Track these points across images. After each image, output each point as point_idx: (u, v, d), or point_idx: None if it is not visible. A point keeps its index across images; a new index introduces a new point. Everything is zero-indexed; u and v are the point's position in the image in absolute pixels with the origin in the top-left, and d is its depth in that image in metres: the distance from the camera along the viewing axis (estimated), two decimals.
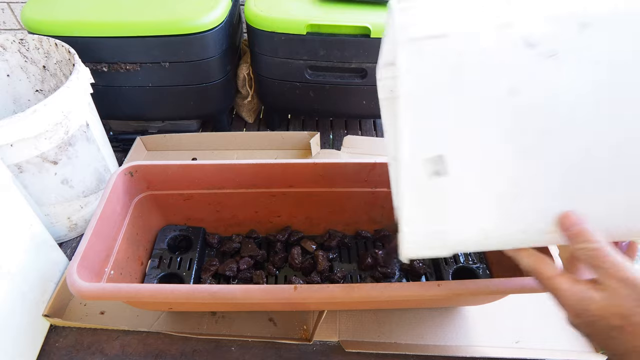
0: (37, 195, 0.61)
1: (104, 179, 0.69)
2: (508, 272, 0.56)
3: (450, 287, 0.45)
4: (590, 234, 0.30)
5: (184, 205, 0.62)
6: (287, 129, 0.98)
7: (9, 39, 0.67)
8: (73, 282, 0.43)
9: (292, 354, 0.56)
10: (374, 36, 0.72)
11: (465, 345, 0.56)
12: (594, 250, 0.30)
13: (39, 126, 0.53)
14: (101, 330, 0.58)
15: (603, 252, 0.29)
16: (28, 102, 0.75)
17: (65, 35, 0.69)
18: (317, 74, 0.80)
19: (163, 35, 0.71)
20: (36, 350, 0.56)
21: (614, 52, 0.28)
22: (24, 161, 0.56)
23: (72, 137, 0.60)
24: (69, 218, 0.68)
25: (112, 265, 0.51)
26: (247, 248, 0.63)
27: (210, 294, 0.43)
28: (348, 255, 0.64)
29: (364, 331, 0.58)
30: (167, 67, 0.75)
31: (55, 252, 0.62)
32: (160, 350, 0.57)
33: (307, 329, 0.58)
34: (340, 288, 0.44)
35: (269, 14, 0.73)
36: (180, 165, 0.58)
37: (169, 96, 0.82)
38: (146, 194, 0.60)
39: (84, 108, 0.62)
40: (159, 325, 0.58)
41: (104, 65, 0.75)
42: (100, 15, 0.72)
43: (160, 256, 0.61)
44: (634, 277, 0.28)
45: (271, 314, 0.60)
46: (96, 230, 0.48)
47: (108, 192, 0.52)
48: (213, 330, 0.58)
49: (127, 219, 0.57)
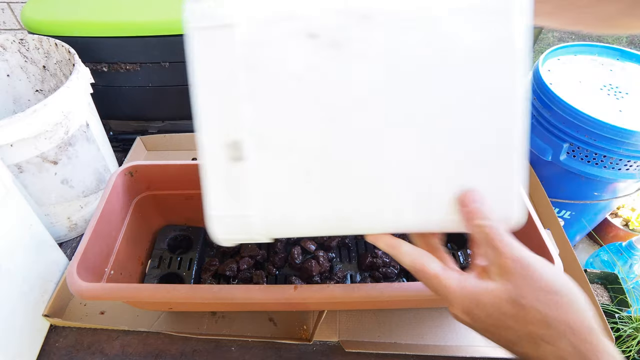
0: (37, 195, 0.61)
1: (104, 179, 0.69)
2: None
3: None
4: (488, 212, 0.29)
5: (184, 205, 0.62)
6: None
7: (9, 39, 0.67)
8: (73, 282, 0.43)
9: (292, 354, 0.56)
10: None
11: (465, 345, 0.56)
12: (490, 228, 0.28)
13: (39, 126, 0.53)
14: (101, 330, 0.58)
15: (499, 231, 0.28)
16: (28, 102, 0.75)
17: (65, 35, 0.69)
18: None
19: (163, 35, 0.71)
20: (36, 350, 0.56)
21: (393, 42, 0.30)
22: (24, 161, 0.56)
23: (72, 137, 0.60)
24: (69, 218, 0.68)
25: (112, 265, 0.51)
26: (247, 248, 0.63)
27: (210, 294, 0.43)
28: (348, 255, 0.64)
29: (364, 331, 0.58)
30: (167, 67, 0.75)
31: (55, 252, 0.62)
32: (160, 350, 0.57)
33: (307, 329, 0.58)
34: (340, 288, 0.44)
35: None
36: (180, 165, 0.58)
37: (169, 96, 0.82)
38: (146, 194, 0.60)
39: (84, 108, 0.62)
40: (159, 325, 0.58)
41: (104, 65, 0.75)
42: (100, 15, 0.72)
43: (160, 256, 0.61)
44: (528, 256, 0.26)
45: (271, 314, 0.60)
46: (96, 230, 0.48)
47: (108, 192, 0.52)
48: (213, 330, 0.58)
49: (127, 219, 0.57)
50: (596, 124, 0.73)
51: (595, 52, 1.12)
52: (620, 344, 0.88)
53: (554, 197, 1.08)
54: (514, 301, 0.25)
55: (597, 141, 0.74)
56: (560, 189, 1.11)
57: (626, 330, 0.88)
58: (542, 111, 0.84)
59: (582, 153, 0.79)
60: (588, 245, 1.57)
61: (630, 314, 0.92)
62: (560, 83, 0.99)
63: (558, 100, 0.82)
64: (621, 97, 0.87)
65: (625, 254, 1.20)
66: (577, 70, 1.06)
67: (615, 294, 1.00)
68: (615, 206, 1.41)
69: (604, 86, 0.95)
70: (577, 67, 1.08)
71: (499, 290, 0.26)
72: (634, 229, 1.48)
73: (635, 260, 1.18)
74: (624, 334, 0.88)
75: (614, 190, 1.12)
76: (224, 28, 0.30)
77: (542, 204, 0.72)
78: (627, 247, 1.20)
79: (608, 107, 0.81)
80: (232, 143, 0.32)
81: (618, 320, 0.90)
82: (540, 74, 1.01)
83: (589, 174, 0.81)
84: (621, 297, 0.97)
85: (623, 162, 0.76)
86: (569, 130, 0.78)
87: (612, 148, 0.74)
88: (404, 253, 0.31)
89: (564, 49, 1.12)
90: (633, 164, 0.77)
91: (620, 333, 0.88)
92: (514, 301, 0.25)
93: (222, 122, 0.32)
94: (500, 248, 0.27)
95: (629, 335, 0.88)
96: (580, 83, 0.99)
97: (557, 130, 0.80)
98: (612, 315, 0.91)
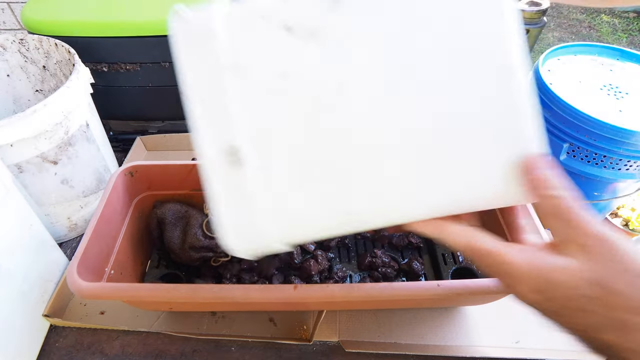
0: (37, 195, 0.61)
1: (104, 179, 0.69)
2: None
3: (450, 287, 0.45)
4: (557, 181, 0.25)
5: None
6: None
7: (9, 39, 0.67)
8: (73, 281, 0.43)
9: (292, 354, 0.56)
10: None
11: (465, 345, 0.56)
12: (563, 199, 0.24)
13: (39, 126, 0.53)
14: (101, 330, 0.58)
15: (573, 204, 0.24)
16: (28, 102, 0.75)
17: (65, 35, 0.69)
18: None
19: (163, 35, 0.71)
20: (36, 350, 0.56)
21: (370, 23, 0.29)
22: (24, 161, 0.56)
23: (72, 137, 0.60)
24: (69, 218, 0.68)
25: (112, 265, 0.51)
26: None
27: (210, 294, 0.43)
28: (347, 255, 0.64)
29: (364, 331, 0.58)
30: (167, 67, 0.75)
31: (55, 252, 0.62)
32: (160, 350, 0.57)
33: (307, 329, 0.58)
34: (339, 288, 0.44)
35: None
36: (180, 165, 0.58)
37: (169, 96, 0.82)
38: (146, 194, 0.60)
39: (84, 108, 0.62)
40: (159, 325, 0.58)
41: (104, 65, 0.75)
42: (100, 15, 0.72)
43: (160, 256, 0.61)
44: (610, 234, 0.23)
45: (271, 314, 0.60)
46: (96, 230, 0.48)
47: (108, 192, 0.52)
48: (213, 330, 0.58)
49: (127, 219, 0.57)
50: (596, 124, 0.73)
51: (595, 52, 1.12)
52: None
53: None
54: (599, 283, 0.22)
55: (597, 141, 0.74)
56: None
57: None
58: (542, 111, 0.84)
59: (582, 153, 0.79)
60: None
61: None
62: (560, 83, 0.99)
63: (558, 100, 0.82)
64: (621, 97, 0.87)
65: None
66: (577, 70, 1.06)
67: None
68: (615, 206, 1.41)
69: (604, 86, 0.95)
70: (577, 67, 1.08)
71: (580, 270, 0.23)
72: (634, 229, 1.48)
73: None
74: None
75: (614, 190, 1.12)
76: (205, 34, 0.30)
77: None
78: None
79: (608, 107, 0.81)
80: (229, 149, 0.31)
81: None
82: (540, 74, 1.01)
83: (589, 174, 0.81)
84: None
85: (623, 162, 0.76)
86: (568, 130, 0.78)
87: (612, 148, 0.74)
88: (454, 233, 0.28)
89: (564, 49, 1.12)
90: (633, 164, 0.77)
91: None
92: (599, 283, 0.22)
93: (216, 129, 0.32)
94: (577, 222, 0.23)
95: None
96: (580, 83, 0.99)
97: (557, 130, 0.80)
98: None
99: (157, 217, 0.58)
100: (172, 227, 0.58)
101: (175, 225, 0.58)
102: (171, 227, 0.58)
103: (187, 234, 0.56)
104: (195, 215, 0.58)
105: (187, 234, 0.56)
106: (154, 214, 0.59)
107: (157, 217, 0.59)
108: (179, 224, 0.58)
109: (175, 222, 0.58)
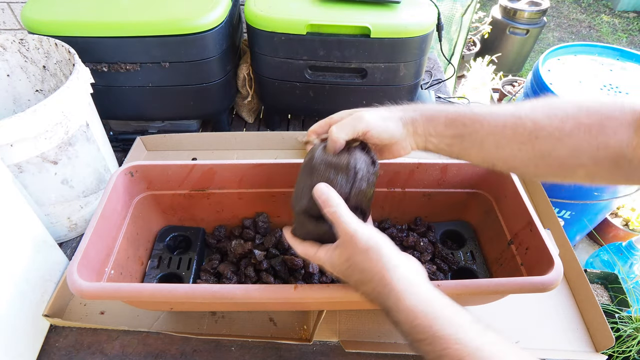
0: (37, 195, 0.61)
1: (104, 179, 0.69)
2: (508, 272, 0.56)
3: (450, 287, 0.45)
4: (333, 197, 0.39)
5: (184, 205, 0.62)
6: (287, 129, 0.97)
7: (9, 39, 0.67)
8: (73, 281, 0.43)
9: (292, 354, 0.56)
10: (374, 36, 0.72)
11: None
12: (334, 212, 0.38)
13: (39, 126, 0.53)
14: (101, 330, 0.58)
15: (338, 213, 0.38)
16: (28, 102, 0.75)
17: (65, 35, 0.69)
18: (317, 74, 0.80)
19: (163, 35, 0.71)
20: (36, 350, 0.56)
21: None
22: (24, 161, 0.56)
23: (72, 137, 0.60)
24: (69, 218, 0.68)
25: (113, 265, 0.51)
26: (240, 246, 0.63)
27: (210, 294, 0.43)
28: None
29: (364, 331, 0.58)
30: (167, 67, 0.75)
31: (55, 252, 0.62)
32: (160, 350, 0.57)
33: (307, 329, 0.58)
34: (340, 288, 0.44)
35: (269, 13, 0.73)
36: (180, 165, 0.58)
37: (169, 96, 0.82)
38: (146, 194, 0.60)
39: (84, 108, 0.62)
40: (159, 325, 0.58)
41: (104, 65, 0.75)
42: (100, 15, 0.72)
43: (159, 256, 0.61)
44: (354, 228, 0.37)
45: (271, 313, 0.60)
46: (96, 230, 0.48)
47: (108, 192, 0.52)
48: (213, 330, 0.58)
49: (127, 219, 0.57)
50: None
51: (595, 52, 1.12)
52: (620, 344, 0.88)
53: (554, 197, 1.08)
54: (347, 260, 0.38)
55: None
56: (560, 189, 1.11)
57: (626, 331, 0.88)
58: None
59: None
60: (588, 245, 1.57)
61: (630, 314, 0.92)
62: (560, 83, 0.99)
63: None
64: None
65: (626, 254, 1.20)
66: (577, 70, 1.06)
67: (615, 294, 1.00)
68: (615, 206, 1.41)
69: (604, 86, 0.95)
70: (577, 67, 1.08)
71: (339, 253, 0.39)
72: (634, 229, 1.48)
73: (635, 260, 1.18)
74: (624, 334, 0.88)
75: (614, 190, 1.12)
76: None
77: (542, 204, 0.72)
78: (627, 247, 1.20)
79: None
80: None
81: (618, 320, 0.90)
82: (540, 74, 1.01)
83: None
84: (621, 297, 0.97)
85: None
86: None
87: None
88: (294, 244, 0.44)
89: (564, 49, 1.12)
90: None
91: (621, 333, 0.88)
92: (347, 260, 0.38)
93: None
94: (341, 225, 0.38)
95: (629, 335, 0.88)
96: (580, 83, 0.99)
97: None
98: (612, 315, 0.91)
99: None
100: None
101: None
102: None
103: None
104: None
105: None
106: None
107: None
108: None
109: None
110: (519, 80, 2.15)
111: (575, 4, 3.40)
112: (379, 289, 0.36)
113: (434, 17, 0.76)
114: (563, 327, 0.60)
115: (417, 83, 0.84)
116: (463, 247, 0.63)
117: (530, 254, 0.52)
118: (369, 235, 0.37)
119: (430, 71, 1.16)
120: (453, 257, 0.61)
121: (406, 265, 0.37)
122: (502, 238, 0.58)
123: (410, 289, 0.35)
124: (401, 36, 0.73)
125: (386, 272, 0.35)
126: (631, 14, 3.24)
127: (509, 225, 0.58)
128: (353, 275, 0.38)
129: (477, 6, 1.72)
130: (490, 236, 0.62)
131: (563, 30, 3.10)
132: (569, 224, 1.24)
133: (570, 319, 0.61)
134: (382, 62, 0.77)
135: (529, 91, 1.08)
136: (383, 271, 0.35)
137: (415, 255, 0.61)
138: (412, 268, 0.37)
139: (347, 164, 0.41)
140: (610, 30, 3.09)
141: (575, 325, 0.60)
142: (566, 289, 0.64)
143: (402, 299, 0.34)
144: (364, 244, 0.37)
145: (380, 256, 0.36)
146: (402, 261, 0.37)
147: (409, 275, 0.36)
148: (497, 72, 2.35)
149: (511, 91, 2.03)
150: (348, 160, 0.41)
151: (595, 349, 0.57)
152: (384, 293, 0.35)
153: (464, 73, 2.40)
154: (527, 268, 0.52)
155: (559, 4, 3.41)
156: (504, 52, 2.42)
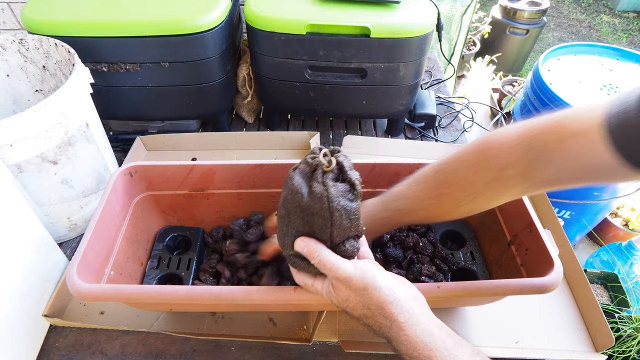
0: (37, 195, 0.61)
1: (104, 179, 0.69)
2: (508, 273, 0.56)
3: (450, 288, 0.45)
4: (313, 250, 0.39)
5: (184, 205, 0.62)
6: (287, 129, 0.97)
7: (9, 39, 0.67)
8: (73, 283, 0.43)
9: (292, 354, 0.56)
10: (373, 36, 0.72)
11: None
12: (319, 262, 0.39)
13: (39, 126, 0.53)
14: (101, 330, 0.58)
15: (323, 262, 0.39)
16: (28, 102, 0.75)
17: (65, 35, 0.69)
18: (317, 74, 0.80)
19: (163, 35, 0.71)
20: (36, 350, 0.56)
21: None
22: (23, 161, 0.56)
23: (72, 137, 0.60)
24: (69, 218, 0.68)
25: (112, 266, 0.51)
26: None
27: (210, 296, 0.43)
28: None
29: (363, 332, 0.58)
30: (167, 67, 0.75)
31: (55, 252, 0.62)
32: (160, 350, 0.57)
33: (307, 329, 0.58)
34: None
35: (269, 14, 0.73)
36: (179, 166, 0.58)
37: (169, 96, 0.82)
38: (146, 194, 0.60)
39: (83, 108, 0.62)
40: (159, 325, 0.58)
41: (104, 65, 0.75)
42: (100, 15, 0.72)
43: (159, 256, 0.61)
44: (346, 275, 0.38)
45: (271, 314, 0.60)
46: (96, 230, 0.48)
47: (108, 192, 0.52)
48: (213, 330, 0.58)
49: (127, 219, 0.57)
50: None
51: (595, 52, 1.12)
52: (620, 344, 0.88)
53: (554, 197, 1.08)
54: (345, 300, 0.40)
55: None
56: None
57: (626, 331, 0.88)
58: (542, 111, 0.84)
59: None
60: (588, 245, 1.57)
61: (630, 314, 0.92)
62: (560, 83, 0.99)
63: (558, 100, 0.82)
64: None
65: (625, 254, 1.20)
66: (577, 70, 1.06)
67: (615, 293, 1.00)
68: (615, 206, 1.41)
69: (604, 86, 0.95)
70: (577, 67, 1.08)
71: (336, 294, 0.40)
72: (634, 229, 1.48)
73: (635, 260, 1.18)
74: (624, 334, 0.88)
75: (614, 190, 1.12)
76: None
77: (542, 204, 0.72)
78: (627, 247, 1.20)
79: None
80: None
81: (618, 320, 0.90)
82: (540, 74, 1.01)
83: None
84: (621, 297, 0.97)
85: None
86: None
87: None
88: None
89: (564, 49, 1.12)
90: None
91: (621, 333, 0.88)
92: (345, 300, 0.40)
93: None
94: (329, 269, 0.39)
95: (629, 335, 0.88)
96: (580, 83, 0.99)
97: None
98: (612, 315, 0.91)
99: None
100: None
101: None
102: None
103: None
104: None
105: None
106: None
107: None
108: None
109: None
110: (519, 80, 2.15)
111: (575, 4, 3.40)
112: (380, 321, 0.38)
113: (433, 17, 0.76)
114: (563, 327, 0.60)
115: (417, 83, 0.84)
116: (463, 248, 0.63)
117: (530, 255, 0.52)
118: (362, 274, 0.38)
119: (430, 71, 1.17)
120: (453, 257, 0.61)
121: (405, 295, 0.38)
122: (502, 239, 0.58)
123: (411, 321, 0.37)
124: (401, 36, 0.73)
125: (386, 305, 0.37)
126: (631, 14, 3.24)
127: (508, 225, 0.58)
128: (355, 311, 0.39)
129: (477, 6, 1.72)
130: (490, 237, 0.62)
131: (563, 30, 3.10)
132: (569, 224, 1.24)
133: (570, 319, 0.61)
134: (382, 62, 0.77)
135: (528, 91, 1.08)
136: (384, 305, 0.37)
137: (416, 256, 0.61)
138: (410, 296, 0.39)
139: (321, 209, 0.37)
140: (610, 30, 3.09)
141: (575, 325, 0.60)
142: (566, 289, 0.64)
143: (403, 329, 0.37)
144: (360, 284, 0.38)
145: (379, 292, 0.38)
146: (400, 292, 0.38)
147: (410, 307, 0.37)
148: (497, 72, 2.35)
149: (511, 91, 2.03)
150: (321, 205, 0.37)
151: (595, 349, 0.57)
152: (386, 325, 0.38)
153: (464, 73, 2.40)
154: (527, 269, 0.52)
155: (559, 4, 3.41)
156: (504, 52, 2.42)
